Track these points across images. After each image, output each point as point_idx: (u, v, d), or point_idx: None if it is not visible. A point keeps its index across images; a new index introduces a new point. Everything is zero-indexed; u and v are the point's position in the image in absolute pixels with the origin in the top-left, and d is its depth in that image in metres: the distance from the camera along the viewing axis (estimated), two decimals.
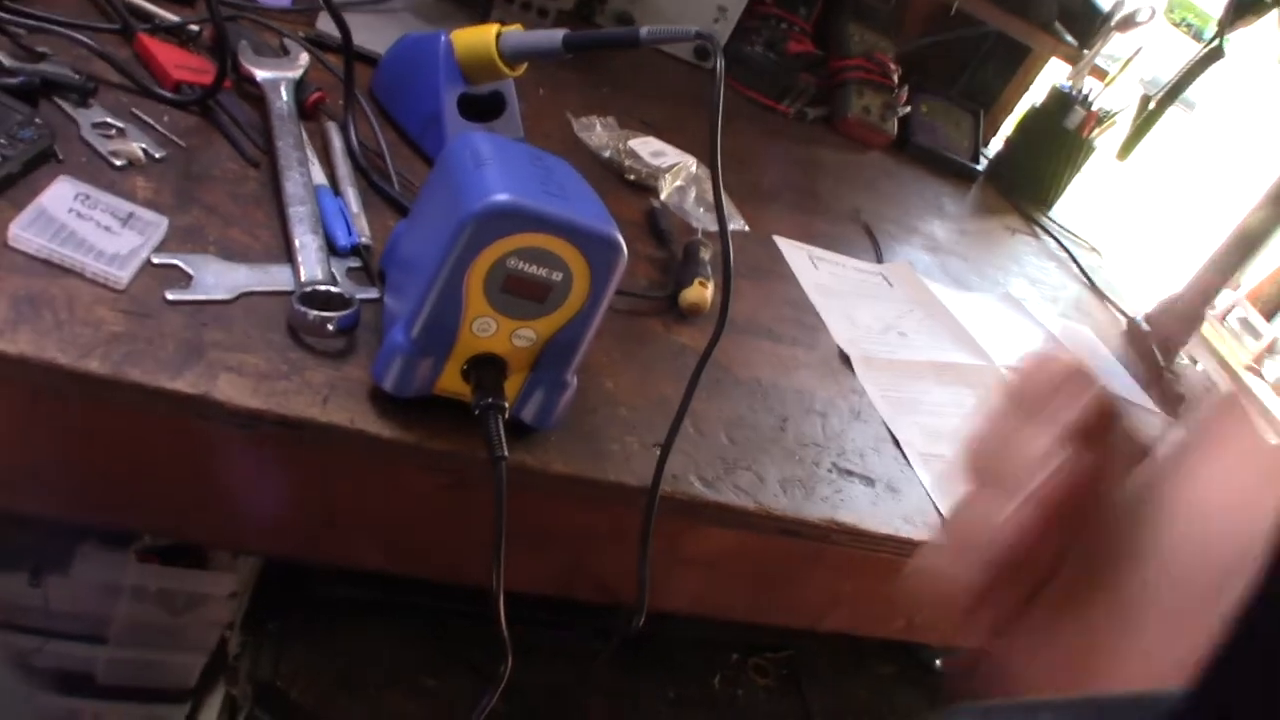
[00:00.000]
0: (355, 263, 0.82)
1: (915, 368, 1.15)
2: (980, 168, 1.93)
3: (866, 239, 1.42)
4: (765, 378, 0.98)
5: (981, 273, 1.53)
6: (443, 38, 0.95)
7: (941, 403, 1.12)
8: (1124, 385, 1.43)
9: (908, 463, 0.98)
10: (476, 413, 0.68)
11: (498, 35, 0.93)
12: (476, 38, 0.94)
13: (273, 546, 0.80)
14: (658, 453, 0.77)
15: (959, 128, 1.92)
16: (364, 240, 0.83)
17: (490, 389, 0.68)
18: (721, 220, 0.78)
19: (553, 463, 0.75)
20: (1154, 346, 1.59)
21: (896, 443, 1.00)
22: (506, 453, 0.66)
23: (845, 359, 1.09)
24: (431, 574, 0.82)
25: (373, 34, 1.10)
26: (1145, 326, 1.64)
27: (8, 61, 0.82)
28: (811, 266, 1.25)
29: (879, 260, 1.37)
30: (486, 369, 0.69)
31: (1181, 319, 1.64)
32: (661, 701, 1.06)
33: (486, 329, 0.68)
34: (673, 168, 1.16)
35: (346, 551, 0.78)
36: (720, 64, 0.80)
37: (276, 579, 1.02)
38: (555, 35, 0.90)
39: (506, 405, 0.69)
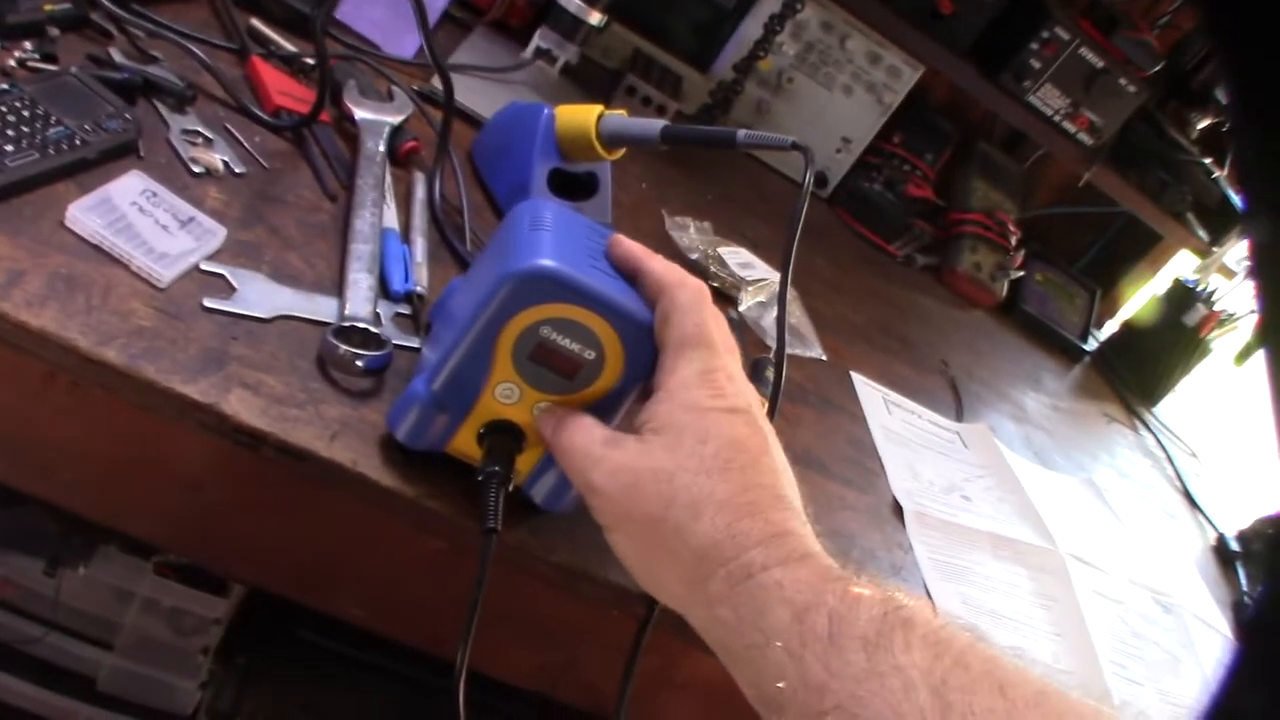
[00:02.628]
0: (406, 310, 0.81)
1: (972, 535, 1.09)
2: (1088, 348, 1.86)
3: (950, 395, 1.37)
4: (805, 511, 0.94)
5: (1067, 454, 1.46)
6: (545, 110, 0.95)
7: (991, 577, 1.06)
8: (1198, 599, 1.34)
9: None
10: (479, 479, 0.65)
11: (599, 116, 0.93)
12: (578, 116, 0.94)
13: (254, 577, 0.78)
14: None
15: (1072, 303, 1.86)
16: (419, 289, 0.82)
17: (500, 458, 0.66)
18: (781, 333, 0.75)
19: (555, 550, 0.72)
20: (1240, 568, 1.50)
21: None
22: (498, 526, 0.63)
23: (898, 511, 1.04)
24: (412, 639, 0.79)
25: (487, 100, 1.11)
26: (1235, 545, 1.54)
27: (119, 58, 0.84)
28: (885, 410, 1.21)
29: (958, 419, 1.32)
30: (501, 436, 0.66)
31: (1275, 544, 1.54)
32: None
33: (509, 396, 0.65)
34: (757, 282, 1.13)
35: (328, 598, 0.75)
36: (810, 177, 0.78)
37: (261, 612, 0.99)
38: (654, 125, 0.89)
39: (513, 478, 0.66)
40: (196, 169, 0.80)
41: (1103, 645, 1.07)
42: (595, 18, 1.16)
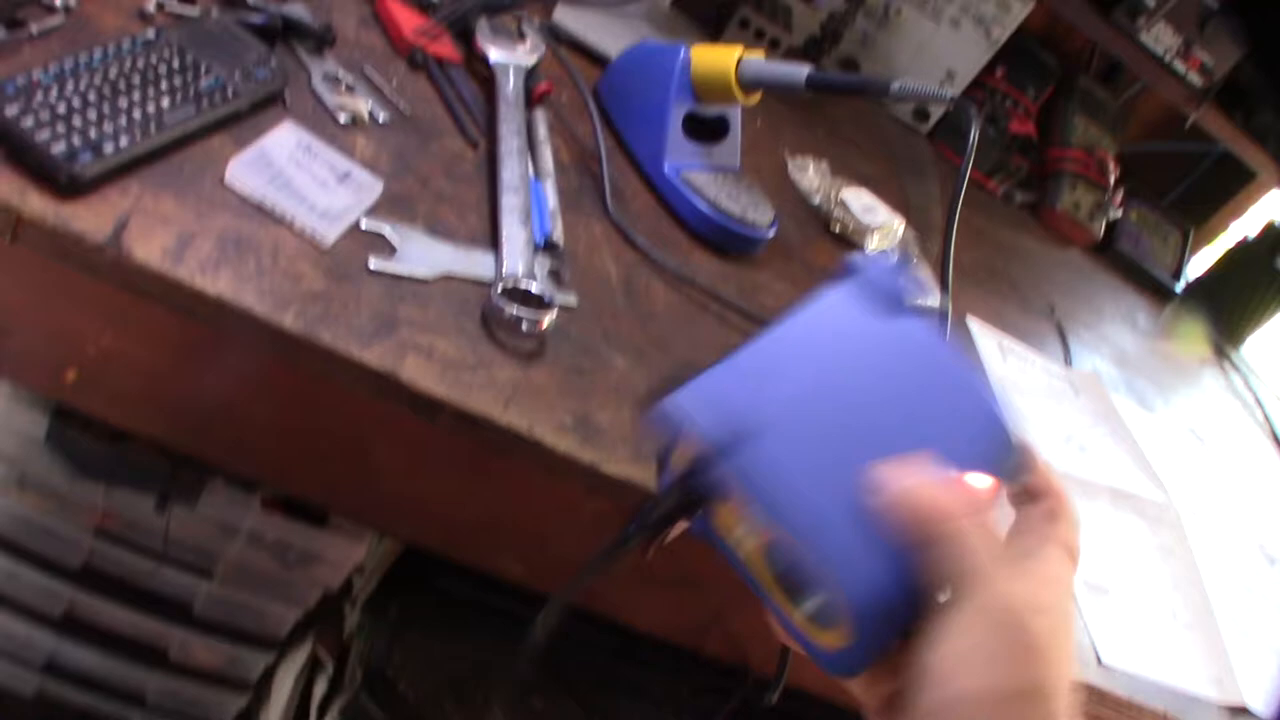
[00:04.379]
0: (548, 261, 0.79)
1: (1092, 489, 1.08)
2: (1178, 288, 1.83)
3: (1056, 338, 1.34)
4: None
5: (1166, 398, 1.44)
6: (682, 52, 0.92)
7: (1112, 531, 1.05)
8: None
9: None
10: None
11: (739, 60, 0.90)
12: (716, 58, 0.91)
13: (418, 536, 0.78)
14: None
15: (1165, 242, 1.82)
16: (557, 238, 0.80)
17: None
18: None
19: None
20: None
21: None
22: None
23: None
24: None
25: (607, 35, 1.08)
26: None
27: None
28: (1000, 356, 1.19)
29: (1067, 364, 1.30)
30: None
31: None
32: None
33: None
34: (881, 227, 1.10)
35: (490, 557, 0.75)
36: (975, 135, 0.76)
37: (404, 562, 1.00)
38: (799, 71, 0.86)
39: None
40: (342, 118, 0.78)
41: (1217, 598, 1.07)
42: None
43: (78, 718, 1.46)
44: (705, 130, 0.97)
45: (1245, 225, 1.96)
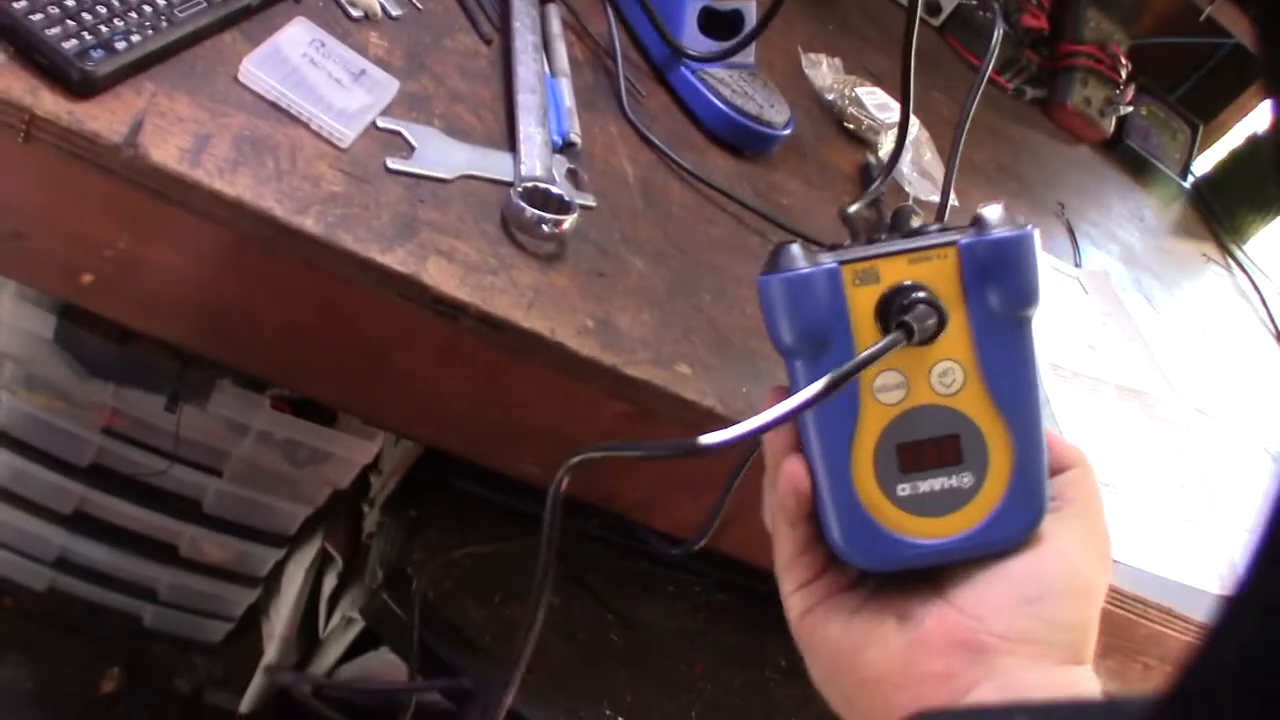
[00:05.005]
0: (566, 161, 0.78)
1: (1100, 387, 1.08)
2: (1186, 184, 1.81)
3: (1066, 237, 1.34)
4: None
5: (1173, 296, 1.44)
6: None
7: (1120, 429, 1.06)
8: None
9: None
10: None
11: None
12: None
13: (438, 439, 0.78)
14: None
15: (1174, 138, 1.80)
16: (574, 138, 0.79)
17: None
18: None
19: (706, 396, 0.71)
20: None
21: None
22: None
23: None
24: (586, 496, 0.79)
25: None
26: None
27: None
28: None
29: (1077, 263, 1.29)
30: None
31: None
32: (771, 667, 1.03)
33: None
34: (896, 125, 1.09)
35: (510, 459, 0.75)
36: (999, 33, 0.74)
37: (421, 463, 1.01)
38: None
39: None
40: (355, 13, 0.76)
41: (1222, 494, 1.08)
42: None
43: (90, 611, 1.49)
44: (721, 26, 0.95)
45: (1254, 121, 1.94)
